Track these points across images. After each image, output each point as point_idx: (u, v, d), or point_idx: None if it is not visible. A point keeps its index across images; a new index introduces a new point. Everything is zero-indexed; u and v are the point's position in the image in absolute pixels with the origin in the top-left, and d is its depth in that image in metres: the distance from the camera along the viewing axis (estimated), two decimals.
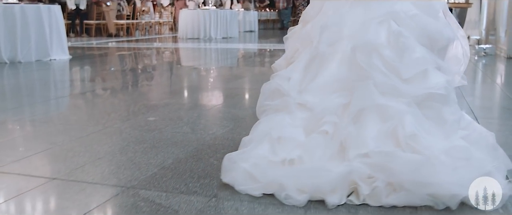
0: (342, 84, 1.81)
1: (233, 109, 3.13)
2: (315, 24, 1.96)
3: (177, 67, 6.26)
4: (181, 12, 12.90)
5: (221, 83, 4.57)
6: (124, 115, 2.97)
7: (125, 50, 9.07)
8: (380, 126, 1.70)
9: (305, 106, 1.83)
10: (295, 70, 1.91)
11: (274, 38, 13.17)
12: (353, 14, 1.92)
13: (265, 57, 7.55)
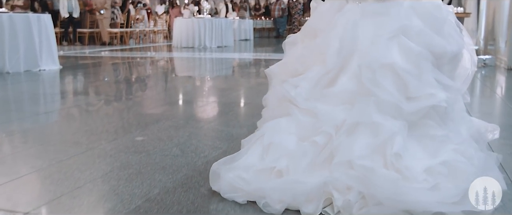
0: (349, 97, 1.83)
1: (227, 127, 2.96)
2: (327, 39, 1.96)
3: (170, 79, 6.09)
4: (176, 20, 12.74)
5: (215, 97, 4.39)
6: (110, 134, 2.79)
7: (117, 60, 8.89)
8: (371, 140, 1.73)
9: (311, 112, 1.84)
10: (305, 80, 1.92)
11: (270, 47, 13.03)
12: (364, 29, 1.92)
13: (260, 68, 7.39)
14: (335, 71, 1.88)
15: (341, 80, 1.88)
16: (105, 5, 13.07)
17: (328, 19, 2.02)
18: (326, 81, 1.89)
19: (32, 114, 3.48)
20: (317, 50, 1.98)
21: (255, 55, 9.83)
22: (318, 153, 1.76)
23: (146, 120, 3.19)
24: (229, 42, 12.94)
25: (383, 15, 1.93)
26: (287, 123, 1.88)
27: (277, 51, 10.98)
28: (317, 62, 1.95)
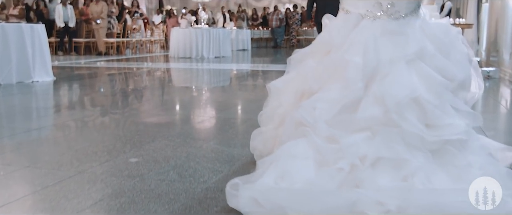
0: (371, 124, 1.80)
1: (227, 147, 2.77)
2: (345, 55, 1.92)
3: (167, 92, 5.90)
4: (173, 30, 12.58)
5: (213, 111, 4.21)
6: (103, 154, 2.60)
7: (113, 70, 8.71)
8: (395, 174, 1.71)
9: (332, 139, 1.79)
10: (324, 101, 1.87)
11: (268, 58, 12.87)
12: (382, 48, 1.90)
13: (260, 80, 7.21)
14: (358, 92, 1.84)
15: (364, 104, 1.83)
16: (101, 14, 12.91)
17: (344, 35, 1.99)
18: (348, 103, 1.84)
19: (20, 131, 3.28)
20: (332, 66, 1.94)
21: (253, 66, 9.66)
22: (345, 177, 1.70)
23: (141, 137, 3.00)
24: (227, 52, 12.77)
25: (400, 34, 1.93)
26: (304, 146, 1.80)
27: (275, 62, 10.82)
28: (334, 80, 1.91)
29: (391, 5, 1.98)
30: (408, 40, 1.91)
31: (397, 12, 1.99)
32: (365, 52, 1.89)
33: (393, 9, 1.98)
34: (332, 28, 2.08)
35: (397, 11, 1.99)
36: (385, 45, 1.91)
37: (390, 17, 1.98)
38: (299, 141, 1.82)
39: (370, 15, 2.00)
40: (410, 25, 1.98)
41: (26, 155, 2.64)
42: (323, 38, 2.09)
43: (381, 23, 1.97)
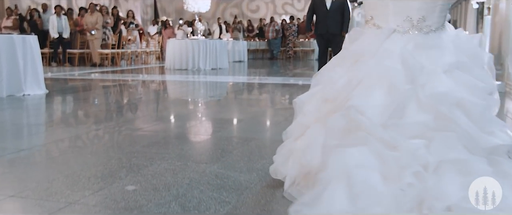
0: (422, 131, 1.79)
1: (233, 171, 2.54)
2: (382, 61, 1.94)
3: (163, 107, 5.67)
4: (169, 41, 12.37)
5: (215, 129, 3.98)
6: (96, 180, 2.36)
7: (108, 82, 8.48)
8: (463, 179, 1.66)
9: (390, 144, 1.76)
10: (370, 106, 1.83)
11: (265, 69, 12.66)
12: (417, 61, 1.91)
13: (260, 94, 6.99)
14: (406, 94, 1.85)
15: (410, 111, 1.84)
16: (96, 25, 12.69)
17: (377, 45, 2.01)
18: (397, 108, 1.84)
19: (7, 151, 3.04)
20: (369, 73, 1.93)
21: (251, 78, 9.45)
22: (409, 194, 1.64)
23: (138, 160, 2.76)
24: (224, 64, 12.56)
25: (434, 47, 1.96)
26: (362, 154, 1.74)
27: (273, 74, 10.61)
28: (374, 86, 1.90)
29: (421, 20, 2.00)
30: (443, 53, 1.94)
31: (428, 27, 2.01)
32: (404, 59, 1.90)
33: (424, 23, 2.00)
34: (364, 39, 2.08)
35: (428, 25, 2.01)
36: (420, 58, 1.93)
37: (421, 32, 2.00)
38: (358, 149, 1.75)
39: (401, 30, 2.02)
40: (442, 38, 2.01)
41: (12, 181, 2.39)
42: (355, 47, 2.08)
43: (412, 37, 1.99)
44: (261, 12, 23.78)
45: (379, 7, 2.11)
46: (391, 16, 2.05)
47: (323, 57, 8.70)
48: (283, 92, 6.86)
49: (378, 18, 2.11)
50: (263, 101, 5.81)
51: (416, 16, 2.01)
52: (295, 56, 18.93)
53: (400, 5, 2.04)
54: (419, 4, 2.01)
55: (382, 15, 2.09)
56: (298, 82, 8.43)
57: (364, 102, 1.86)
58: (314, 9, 8.60)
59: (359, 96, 1.89)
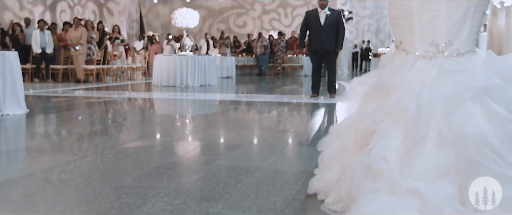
0: (449, 169, 1.77)
1: (240, 212, 2.20)
2: (402, 98, 1.91)
3: (153, 130, 5.30)
4: (156, 57, 12.03)
5: (211, 158, 3.62)
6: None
7: (92, 100, 8.09)
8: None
9: (416, 193, 1.74)
10: (389, 149, 1.84)
11: (255, 86, 12.35)
12: (442, 88, 1.87)
13: (255, 114, 6.66)
14: (419, 136, 1.83)
15: (430, 147, 1.82)
16: (80, 40, 12.31)
17: (401, 76, 1.97)
18: (415, 148, 1.83)
19: None
20: (396, 112, 1.93)
21: (243, 96, 9.12)
22: None
23: (129, 197, 2.41)
24: (213, 81, 12.23)
25: (461, 72, 1.89)
26: (394, 203, 1.73)
27: (264, 92, 10.31)
28: (394, 125, 1.90)
29: (448, 44, 1.95)
30: (470, 77, 1.87)
31: (456, 51, 1.95)
32: (419, 96, 1.87)
33: (451, 47, 1.95)
34: (392, 70, 2.05)
35: (456, 49, 1.95)
36: (444, 84, 1.88)
37: (448, 56, 1.96)
38: (388, 199, 1.75)
39: (427, 55, 1.99)
40: (471, 61, 1.93)
41: None
42: (382, 78, 2.08)
43: (437, 63, 1.94)
44: (248, 27, 23.61)
45: (406, 32, 2.07)
46: (418, 42, 2.02)
47: (317, 74, 8.43)
48: (279, 112, 6.55)
49: (406, 44, 2.08)
50: (260, 122, 5.48)
51: (442, 40, 1.97)
52: (283, 72, 18.67)
53: (426, 30, 1.99)
54: (445, 27, 1.95)
55: (409, 40, 2.06)
56: (292, 100, 8.12)
57: (383, 148, 1.85)
58: (308, 25, 8.35)
59: (379, 139, 1.90)
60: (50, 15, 16.17)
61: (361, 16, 23.21)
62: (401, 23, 2.09)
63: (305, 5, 22.99)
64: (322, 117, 6.07)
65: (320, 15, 8.19)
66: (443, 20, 1.95)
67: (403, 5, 2.04)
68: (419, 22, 2.00)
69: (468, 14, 1.95)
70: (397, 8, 2.08)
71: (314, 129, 5.04)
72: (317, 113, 6.43)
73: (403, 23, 2.08)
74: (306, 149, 3.83)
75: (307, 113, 6.52)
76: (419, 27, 2.01)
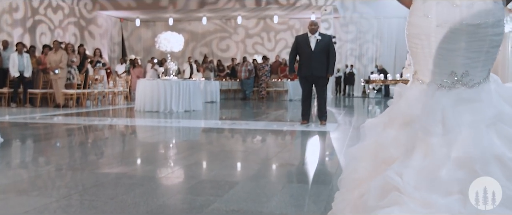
0: (460, 188, 1.80)
1: None
2: (425, 124, 1.95)
3: (138, 164, 4.94)
4: (139, 82, 11.66)
5: (207, 200, 3.25)
6: None
7: (72, 126, 7.68)
8: None
9: (426, 202, 1.79)
10: (408, 168, 1.90)
11: (241, 112, 12.06)
12: (461, 116, 1.94)
13: (248, 144, 6.32)
14: (441, 161, 1.88)
15: (447, 169, 1.87)
16: (60, 64, 11.90)
17: (422, 105, 2.03)
18: (433, 169, 1.88)
19: None
20: (414, 136, 1.97)
21: (231, 124, 8.79)
22: None
23: None
24: (198, 106, 11.88)
25: (476, 101, 1.98)
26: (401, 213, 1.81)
27: (250, 118, 10.02)
28: (416, 149, 1.95)
29: (465, 74, 2.03)
30: (485, 106, 1.96)
31: (472, 80, 2.03)
32: (445, 121, 1.94)
33: (467, 78, 2.03)
34: (410, 99, 2.10)
35: (472, 79, 2.03)
36: (462, 113, 1.96)
37: (465, 86, 2.03)
38: (391, 209, 1.80)
39: (445, 85, 2.05)
40: (485, 91, 2.02)
41: None
42: (402, 109, 2.10)
43: (456, 92, 2.02)
44: (231, 51, 23.42)
45: (423, 62, 2.11)
46: (436, 72, 2.07)
47: (307, 100, 8.14)
48: (272, 142, 6.23)
49: (422, 73, 2.11)
50: (255, 154, 5.13)
51: (460, 71, 2.03)
52: (268, 97, 18.43)
53: (444, 62, 2.05)
54: (463, 59, 2.02)
55: (426, 70, 2.09)
56: (283, 128, 7.82)
57: (402, 165, 1.90)
58: (297, 49, 8.10)
59: (400, 161, 1.94)
60: (29, 38, 15.75)
61: (344, 41, 23.18)
62: (419, 52, 2.11)
63: (288, 29, 22.94)
64: (319, 147, 5.74)
65: (310, 40, 7.95)
66: (462, 53, 2.02)
67: (422, 35, 2.08)
68: (438, 53, 2.05)
69: (484, 48, 2.02)
70: (416, 37, 2.11)
71: (313, 162, 4.71)
72: (313, 143, 6.11)
73: (420, 52, 2.10)
74: (310, 188, 3.50)
75: (302, 142, 6.20)
76: (437, 59, 2.05)
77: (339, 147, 5.53)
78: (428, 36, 2.06)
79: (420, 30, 2.09)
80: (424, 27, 2.08)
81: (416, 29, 2.11)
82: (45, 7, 16.54)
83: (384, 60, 23.00)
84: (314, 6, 19.06)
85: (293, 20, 22.67)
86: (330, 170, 4.25)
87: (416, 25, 2.11)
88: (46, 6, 16.55)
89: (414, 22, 2.13)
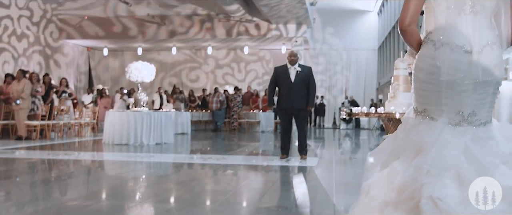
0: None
1: None
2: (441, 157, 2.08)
3: (108, 209, 4.49)
4: (108, 113, 11.13)
5: None
6: None
7: (34, 161, 7.12)
8: None
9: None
10: (446, 196, 1.99)
11: (215, 144, 11.64)
12: (472, 155, 2.06)
13: (227, 182, 5.89)
14: (465, 195, 1.99)
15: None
16: (22, 94, 11.29)
17: (434, 137, 2.14)
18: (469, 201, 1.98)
19: None
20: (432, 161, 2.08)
21: (207, 158, 8.35)
22: None
23: None
24: (169, 138, 11.39)
25: (489, 139, 2.13)
26: None
27: (229, 152, 9.61)
28: (443, 175, 2.05)
29: (472, 114, 2.17)
30: (498, 144, 2.11)
31: (478, 120, 2.17)
32: (468, 150, 2.07)
33: (474, 117, 2.17)
34: (421, 129, 2.20)
35: (478, 119, 2.17)
36: (478, 149, 2.07)
37: (470, 125, 2.16)
38: None
39: (453, 123, 2.18)
40: (491, 131, 2.16)
41: None
42: (414, 140, 2.19)
43: (465, 130, 2.15)
44: (201, 82, 23.07)
45: (432, 101, 2.24)
46: (444, 111, 2.22)
47: (287, 133, 7.80)
48: (255, 180, 5.82)
49: (432, 111, 2.25)
50: (241, 196, 4.69)
51: (467, 111, 2.19)
52: (240, 128, 18.06)
53: (452, 102, 2.19)
54: (470, 101, 2.17)
55: (436, 110, 2.24)
56: (262, 163, 7.43)
57: (442, 192, 1.98)
58: (277, 81, 7.81)
59: (433, 186, 2.00)
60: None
61: (314, 72, 23.15)
62: (428, 95, 2.25)
63: (259, 60, 22.79)
64: (308, 186, 5.31)
65: (290, 71, 7.68)
66: (469, 94, 2.17)
67: (432, 80, 2.21)
68: (447, 95, 2.20)
69: (490, 90, 2.20)
70: (425, 82, 2.25)
71: (307, 204, 4.32)
72: (300, 181, 5.65)
73: (430, 95, 2.24)
74: None
75: (288, 180, 5.78)
76: (446, 99, 2.20)
77: (328, 184, 5.18)
78: (438, 82, 2.19)
79: (430, 76, 2.21)
80: (435, 73, 2.20)
81: (427, 75, 2.23)
82: (9, 35, 15.89)
83: (353, 92, 23.06)
84: (284, 37, 18.99)
85: (264, 51, 22.56)
86: (327, 213, 3.88)
87: (427, 71, 2.23)
88: (10, 34, 15.91)
89: (424, 68, 2.24)
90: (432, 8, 2.24)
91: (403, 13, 2.23)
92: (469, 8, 2.18)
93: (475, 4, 2.18)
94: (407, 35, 2.25)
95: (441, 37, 2.19)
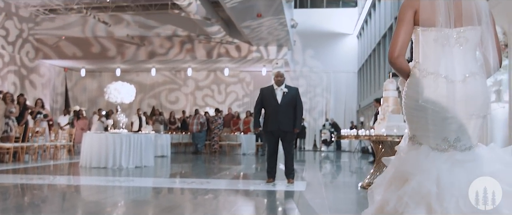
0: None
1: None
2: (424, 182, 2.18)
3: None
4: (85, 135, 10.72)
5: None
6: None
7: (6, 186, 6.70)
8: None
9: None
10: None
11: (197, 168, 11.30)
12: (456, 174, 2.18)
13: (211, 209, 5.61)
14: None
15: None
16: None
17: (417, 165, 2.25)
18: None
19: None
20: (411, 192, 2.18)
21: (189, 182, 8.00)
22: None
23: None
24: (150, 161, 10.99)
25: (470, 162, 2.23)
26: None
27: (211, 175, 9.29)
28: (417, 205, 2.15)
29: (457, 140, 2.29)
30: (478, 165, 2.22)
31: (464, 145, 2.29)
32: (440, 179, 2.16)
33: (459, 143, 2.28)
34: (408, 159, 2.31)
35: (463, 144, 2.29)
36: (457, 173, 2.18)
37: (456, 149, 2.28)
38: None
39: (439, 148, 2.30)
40: (476, 154, 2.27)
41: None
42: (401, 169, 2.29)
43: (450, 155, 2.26)
44: (181, 103, 22.77)
45: (420, 128, 2.35)
46: (431, 137, 2.31)
47: (273, 156, 7.53)
48: (243, 207, 5.52)
49: (420, 138, 2.36)
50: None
51: (452, 136, 2.29)
52: (220, 151, 17.72)
53: (438, 128, 2.29)
54: (454, 127, 2.28)
55: (423, 136, 2.34)
56: (249, 187, 7.13)
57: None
58: (263, 103, 7.58)
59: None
60: None
61: None
62: (417, 121, 2.36)
63: (239, 82, 22.63)
64: (299, 213, 5.04)
65: (276, 92, 7.47)
66: (453, 121, 2.27)
67: (419, 107, 2.31)
68: (433, 122, 2.30)
69: (473, 118, 2.30)
70: (413, 109, 2.36)
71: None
72: (291, 208, 5.37)
73: (418, 121, 2.35)
74: None
75: (279, 207, 5.50)
76: (432, 126, 2.30)
77: (322, 210, 4.92)
78: (424, 109, 2.29)
79: (417, 103, 2.31)
80: (421, 101, 2.30)
81: (414, 102, 2.33)
82: None
83: (333, 114, 22.99)
84: (265, 59, 18.88)
85: (244, 73, 22.43)
86: None
87: (414, 98, 2.33)
88: None
89: (412, 95, 2.35)
90: (419, 39, 2.37)
91: (392, 46, 2.33)
92: (454, 40, 2.31)
93: (460, 36, 2.31)
94: (396, 67, 2.36)
95: (426, 67, 2.32)
